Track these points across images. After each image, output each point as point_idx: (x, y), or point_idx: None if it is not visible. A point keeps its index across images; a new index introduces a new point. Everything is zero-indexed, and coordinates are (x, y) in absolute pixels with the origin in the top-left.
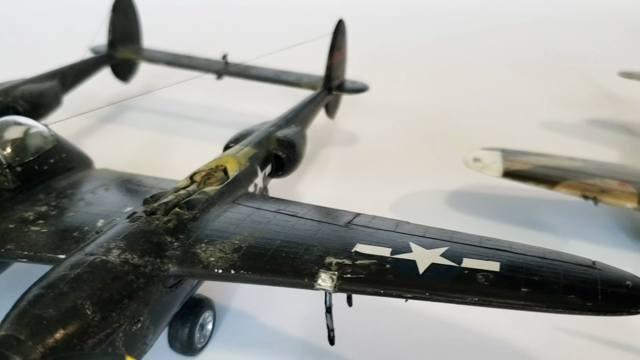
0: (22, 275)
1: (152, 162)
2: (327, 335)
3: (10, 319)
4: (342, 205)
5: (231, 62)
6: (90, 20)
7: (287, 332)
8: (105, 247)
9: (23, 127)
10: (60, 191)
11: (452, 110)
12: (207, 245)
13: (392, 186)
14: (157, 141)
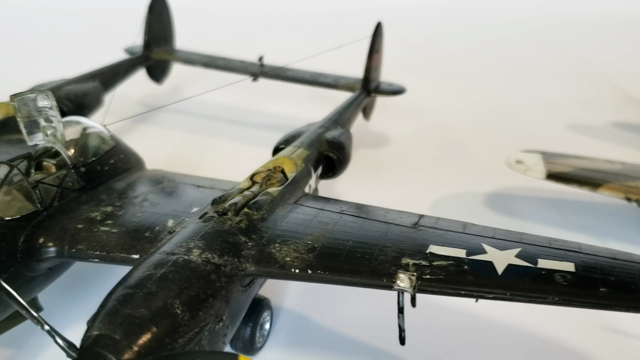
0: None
1: (188, 163)
2: (398, 335)
3: (101, 319)
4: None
5: (267, 64)
6: (121, 21)
7: (341, 332)
8: (186, 247)
9: (85, 128)
10: (122, 192)
11: (480, 112)
12: (280, 245)
13: (427, 188)
14: (192, 142)
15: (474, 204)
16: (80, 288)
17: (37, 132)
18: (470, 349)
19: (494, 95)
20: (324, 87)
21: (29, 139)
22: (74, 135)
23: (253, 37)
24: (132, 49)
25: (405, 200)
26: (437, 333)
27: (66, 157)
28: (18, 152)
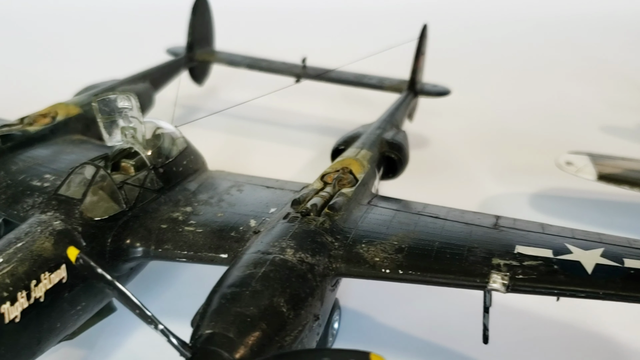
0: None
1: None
2: (482, 334)
3: (212, 318)
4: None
5: (309, 65)
6: (157, 21)
7: (406, 331)
8: (279, 246)
9: (161, 130)
10: (195, 192)
11: (515, 114)
12: (367, 246)
13: (470, 189)
14: (231, 143)
15: (519, 204)
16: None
17: (116, 132)
18: (536, 348)
19: (527, 97)
20: (368, 88)
21: (108, 140)
22: (150, 136)
23: (290, 39)
24: (174, 49)
25: (451, 202)
26: (502, 331)
27: (146, 158)
28: (83, 152)
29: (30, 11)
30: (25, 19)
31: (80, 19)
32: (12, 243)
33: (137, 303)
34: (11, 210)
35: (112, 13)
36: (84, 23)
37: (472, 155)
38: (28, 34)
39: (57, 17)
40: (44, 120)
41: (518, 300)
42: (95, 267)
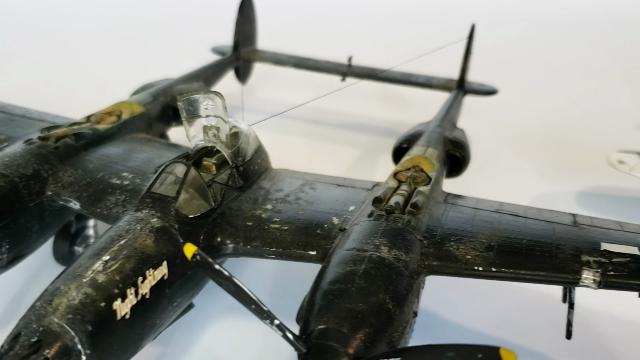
0: None
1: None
2: (565, 329)
3: (322, 313)
4: None
5: (355, 64)
6: (196, 20)
7: (472, 328)
8: (372, 244)
9: (238, 129)
10: (271, 190)
11: (555, 113)
12: (456, 244)
13: (518, 187)
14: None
15: (567, 203)
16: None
17: (199, 131)
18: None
19: (566, 97)
20: (416, 87)
21: (191, 139)
22: (232, 137)
23: (330, 39)
24: (218, 48)
25: (502, 199)
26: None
27: (228, 157)
28: (154, 151)
29: (75, 11)
30: (71, 18)
31: (121, 17)
32: (114, 240)
33: (254, 298)
34: (94, 208)
35: (145, 13)
36: (127, 22)
37: (516, 154)
38: (76, 34)
39: (99, 15)
40: (110, 119)
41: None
42: (212, 263)
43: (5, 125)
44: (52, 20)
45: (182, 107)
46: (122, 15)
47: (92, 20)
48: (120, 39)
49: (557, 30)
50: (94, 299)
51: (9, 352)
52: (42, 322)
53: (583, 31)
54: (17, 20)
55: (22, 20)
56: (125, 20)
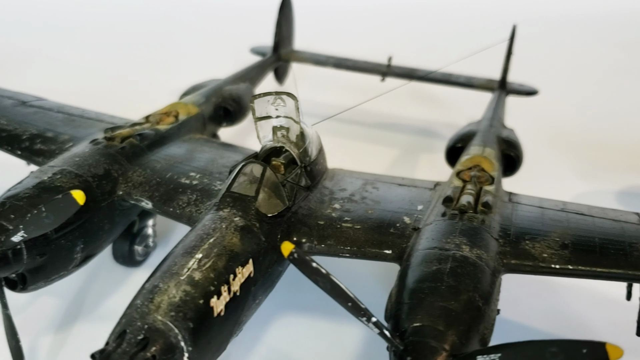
0: None
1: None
2: (636, 325)
3: (416, 311)
4: None
5: (394, 64)
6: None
7: (530, 326)
8: (452, 243)
9: (303, 128)
10: (333, 190)
11: (587, 112)
12: (531, 242)
13: (558, 187)
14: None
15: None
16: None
17: (268, 132)
18: None
19: (602, 95)
20: (457, 87)
21: (261, 139)
22: (299, 136)
23: (361, 38)
24: (258, 49)
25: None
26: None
27: (296, 157)
28: (215, 151)
29: (112, 14)
30: (109, 20)
31: (152, 18)
32: (203, 239)
33: (352, 296)
34: (166, 207)
35: (173, 14)
36: (159, 23)
37: (552, 154)
38: (115, 35)
39: (135, 17)
40: (168, 119)
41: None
42: (310, 261)
43: (66, 125)
44: (89, 22)
45: (253, 108)
46: (152, 16)
47: (129, 21)
48: (153, 39)
49: (591, 29)
50: (193, 296)
51: (116, 349)
52: (146, 320)
53: (620, 29)
54: (55, 22)
55: (56, 22)
56: (157, 21)
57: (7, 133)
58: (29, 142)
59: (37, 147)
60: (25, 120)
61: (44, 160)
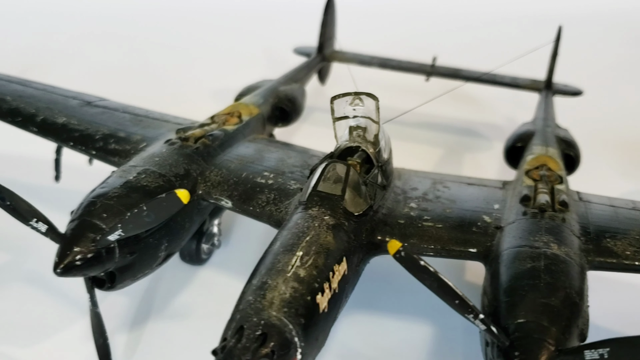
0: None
1: None
2: None
3: (518, 308)
4: None
5: (439, 65)
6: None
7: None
8: (541, 241)
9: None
10: (406, 189)
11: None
12: (612, 240)
13: (596, 187)
14: None
15: None
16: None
17: (344, 131)
18: None
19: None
20: (502, 87)
21: (338, 139)
22: (374, 135)
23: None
24: (301, 49)
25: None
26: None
27: (373, 157)
28: (281, 151)
29: (159, 16)
30: (154, 23)
31: (190, 19)
32: (299, 236)
33: (459, 294)
34: (246, 207)
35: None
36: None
37: (592, 153)
38: (155, 37)
39: (177, 19)
40: (233, 120)
41: None
42: (418, 259)
43: (135, 125)
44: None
45: (333, 108)
46: (188, 16)
47: (166, 21)
48: (189, 39)
49: (626, 26)
50: (301, 292)
51: (237, 345)
52: (262, 316)
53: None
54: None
55: (92, 23)
56: (196, 21)
57: (80, 133)
58: (103, 142)
59: (111, 147)
60: (95, 121)
61: (120, 160)
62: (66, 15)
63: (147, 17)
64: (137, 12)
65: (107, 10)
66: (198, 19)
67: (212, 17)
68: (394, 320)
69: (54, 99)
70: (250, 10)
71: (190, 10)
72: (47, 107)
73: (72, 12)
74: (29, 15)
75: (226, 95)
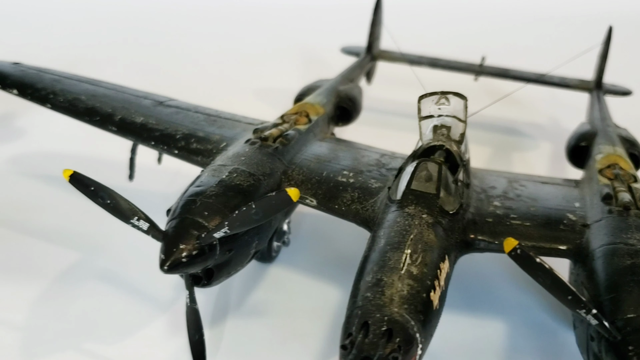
0: None
1: None
2: None
3: (623, 303)
4: None
5: (488, 64)
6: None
7: None
8: (634, 238)
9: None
10: (485, 188)
11: None
12: None
13: None
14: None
15: None
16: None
17: (428, 130)
18: None
19: None
20: (552, 86)
21: (423, 137)
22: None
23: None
24: (349, 48)
25: None
26: None
27: (456, 156)
28: (351, 150)
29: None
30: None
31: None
32: (404, 234)
33: (573, 290)
34: (331, 205)
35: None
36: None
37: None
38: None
39: (225, 18)
40: (303, 120)
41: None
42: (534, 257)
43: (210, 125)
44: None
45: (419, 107)
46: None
47: (219, 21)
48: (230, 40)
49: None
50: (417, 290)
51: (364, 340)
52: (384, 312)
53: None
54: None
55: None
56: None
57: (160, 132)
58: (184, 141)
59: (193, 146)
60: (172, 120)
61: (203, 159)
62: (106, 16)
63: (188, 18)
64: (178, 12)
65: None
66: (233, 18)
67: (244, 15)
68: (466, 317)
69: (126, 99)
70: (285, 9)
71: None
72: (122, 106)
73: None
74: (72, 13)
75: (269, 96)
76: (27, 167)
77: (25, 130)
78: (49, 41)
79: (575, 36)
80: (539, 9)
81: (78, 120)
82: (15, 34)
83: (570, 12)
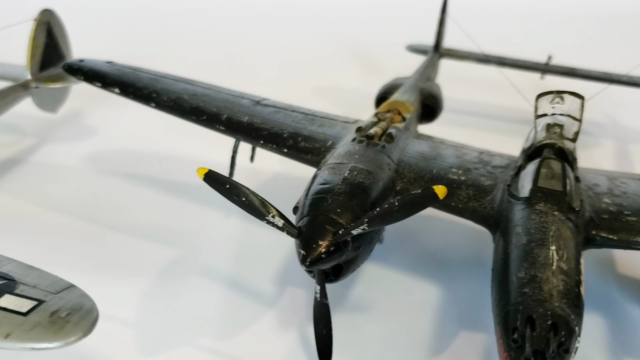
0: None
1: None
2: None
3: None
4: None
5: (554, 63)
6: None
7: None
8: None
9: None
10: (589, 185)
11: None
12: None
13: None
14: None
15: None
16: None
17: (541, 128)
18: None
19: None
20: (617, 85)
21: (537, 135)
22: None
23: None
24: (415, 47)
25: None
26: None
27: (570, 154)
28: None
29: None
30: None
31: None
32: (544, 232)
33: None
34: (448, 202)
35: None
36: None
37: None
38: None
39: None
40: (397, 118)
41: None
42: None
43: (311, 124)
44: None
45: (536, 106)
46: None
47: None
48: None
49: None
50: (571, 285)
51: (532, 334)
52: (546, 307)
53: None
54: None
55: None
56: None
57: (267, 132)
58: (292, 140)
59: (301, 145)
60: (275, 119)
61: (312, 157)
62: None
63: (246, 14)
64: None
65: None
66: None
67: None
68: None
69: (225, 98)
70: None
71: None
72: (225, 106)
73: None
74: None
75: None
76: (104, 164)
77: (96, 128)
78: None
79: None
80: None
81: (183, 119)
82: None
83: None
